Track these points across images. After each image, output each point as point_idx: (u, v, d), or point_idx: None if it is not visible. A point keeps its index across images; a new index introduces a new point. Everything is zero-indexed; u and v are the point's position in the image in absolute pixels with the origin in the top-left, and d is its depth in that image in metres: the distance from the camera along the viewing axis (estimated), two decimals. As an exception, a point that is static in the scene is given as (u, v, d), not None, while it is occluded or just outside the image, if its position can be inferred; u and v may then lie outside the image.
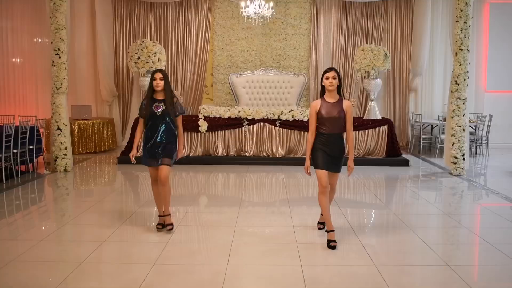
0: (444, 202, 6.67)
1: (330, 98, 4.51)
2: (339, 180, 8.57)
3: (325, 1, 11.27)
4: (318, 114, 4.50)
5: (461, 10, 7.81)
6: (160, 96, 4.77)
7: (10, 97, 11.13)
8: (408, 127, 11.33)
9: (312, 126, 4.55)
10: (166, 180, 4.75)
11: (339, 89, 4.55)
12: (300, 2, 11.29)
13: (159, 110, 4.71)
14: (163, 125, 4.73)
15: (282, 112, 9.10)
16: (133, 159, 4.78)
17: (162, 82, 4.71)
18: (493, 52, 11.39)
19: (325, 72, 4.53)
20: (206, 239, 4.88)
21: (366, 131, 9.21)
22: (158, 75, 4.72)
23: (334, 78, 4.45)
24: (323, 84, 4.53)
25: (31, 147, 8.11)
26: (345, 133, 4.62)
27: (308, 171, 4.58)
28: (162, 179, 4.71)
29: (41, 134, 8.59)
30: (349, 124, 4.52)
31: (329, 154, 4.48)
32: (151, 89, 4.77)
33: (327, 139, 4.49)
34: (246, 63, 11.36)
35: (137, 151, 4.99)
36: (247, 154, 9.12)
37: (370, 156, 9.18)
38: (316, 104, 4.54)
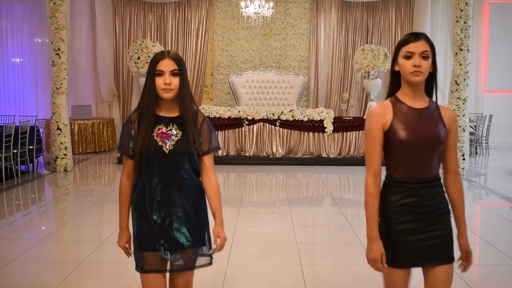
0: (444, 202, 6.67)
1: (414, 99, 2.06)
2: (338, 179, 8.72)
3: (325, 1, 11.26)
4: (390, 135, 2.04)
5: (461, 10, 7.81)
6: (170, 111, 2.21)
7: (10, 97, 11.13)
8: (408, 127, 11.30)
9: (376, 161, 2.07)
10: None
11: (430, 83, 2.10)
12: (300, 2, 11.29)
13: (169, 141, 2.17)
14: (178, 175, 2.19)
15: (282, 112, 9.10)
16: (129, 251, 2.36)
17: (176, 81, 2.14)
18: (493, 52, 11.38)
19: (406, 42, 2.03)
20: (206, 239, 4.88)
21: (366, 131, 9.20)
22: (168, 66, 2.13)
23: (424, 57, 2.00)
24: (396, 68, 2.08)
25: (31, 147, 8.11)
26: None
27: (384, 266, 2.07)
28: None
29: (41, 134, 8.60)
30: (453, 155, 2.12)
31: (420, 228, 2.06)
32: (153, 95, 2.17)
33: (413, 194, 2.05)
34: (246, 63, 11.36)
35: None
36: (247, 154, 9.12)
37: (370, 156, 9.17)
38: (384, 112, 2.07)
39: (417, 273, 2.16)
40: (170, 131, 2.19)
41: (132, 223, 2.30)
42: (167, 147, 2.18)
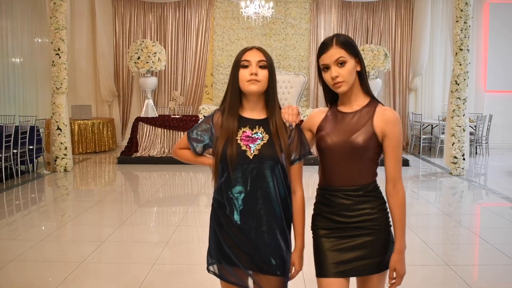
0: (444, 202, 6.67)
1: (348, 103, 1.98)
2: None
3: (325, 1, 11.26)
4: (318, 139, 2.00)
5: (461, 10, 7.81)
6: (254, 112, 1.99)
7: (10, 97, 11.13)
8: (408, 127, 11.32)
9: None
10: None
11: (364, 83, 1.98)
12: (300, 2, 11.29)
13: (254, 145, 1.94)
14: (263, 185, 1.95)
15: (282, 112, 9.08)
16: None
17: (263, 73, 1.91)
18: (493, 52, 11.38)
19: (318, 54, 1.93)
20: (206, 239, 4.87)
21: (366, 131, 9.21)
22: (255, 56, 1.92)
23: (341, 63, 1.88)
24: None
25: (31, 147, 8.11)
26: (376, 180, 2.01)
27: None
28: None
29: (41, 134, 8.60)
30: (391, 162, 1.93)
31: (341, 238, 1.97)
32: (236, 92, 1.95)
33: (331, 202, 1.98)
34: (246, 63, 11.35)
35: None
36: (247, 154, 9.11)
37: (370, 156, 9.18)
38: (317, 115, 2.04)
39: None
40: (255, 134, 1.95)
41: (211, 236, 2.12)
42: (251, 151, 1.93)
